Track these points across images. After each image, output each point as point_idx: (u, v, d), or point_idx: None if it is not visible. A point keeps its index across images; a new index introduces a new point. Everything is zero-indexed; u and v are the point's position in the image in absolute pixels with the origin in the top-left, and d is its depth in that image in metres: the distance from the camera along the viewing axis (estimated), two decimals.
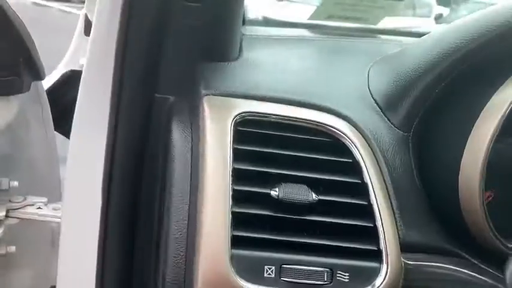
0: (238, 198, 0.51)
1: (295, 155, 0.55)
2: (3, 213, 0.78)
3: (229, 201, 0.50)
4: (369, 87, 0.65)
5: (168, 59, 0.62)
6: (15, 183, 0.82)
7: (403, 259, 0.54)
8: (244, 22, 0.97)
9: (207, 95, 0.58)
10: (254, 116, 0.56)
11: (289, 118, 0.57)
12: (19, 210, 0.80)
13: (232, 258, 0.48)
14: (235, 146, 0.53)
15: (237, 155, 0.53)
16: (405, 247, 0.55)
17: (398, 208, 0.57)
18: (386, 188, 0.57)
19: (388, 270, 0.52)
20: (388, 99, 0.62)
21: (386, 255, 0.52)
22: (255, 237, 0.50)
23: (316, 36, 0.91)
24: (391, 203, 0.56)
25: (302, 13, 1.11)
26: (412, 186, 0.59)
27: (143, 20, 0.57)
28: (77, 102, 0.55)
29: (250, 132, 0.55)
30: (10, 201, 0.80)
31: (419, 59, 0.60)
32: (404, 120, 0.61)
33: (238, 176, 0.52)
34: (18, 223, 0.80)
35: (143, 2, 0.56)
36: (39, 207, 0.80)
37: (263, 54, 0.71)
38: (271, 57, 0.71)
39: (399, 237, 0.55)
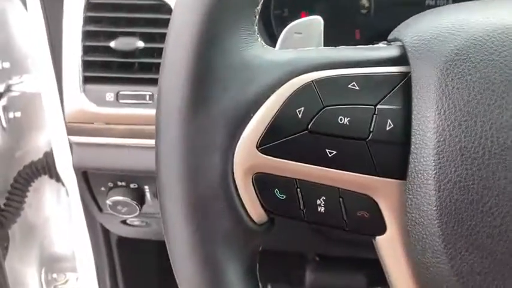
0: (87, 50, 0.69)
1: (129, 17, 0.70)
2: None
3: (80, 51, 0.69)
4: None
5: None
6: (7, 64, 0.96)
7: None
8: None
9: None
10: None
11: None
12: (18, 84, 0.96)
13: (85, 90, 0.69)
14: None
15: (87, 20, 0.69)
16: None
17: None
18: None
19: None
20: None
21: None
22: (100, 76, 0.69)
23: None
24: None
25: None
26: None
27: None
28: None
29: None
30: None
31: None
32: None
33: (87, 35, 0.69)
34: (19, 95, 0.96)
35: None
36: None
37: None
38: None
39: None
